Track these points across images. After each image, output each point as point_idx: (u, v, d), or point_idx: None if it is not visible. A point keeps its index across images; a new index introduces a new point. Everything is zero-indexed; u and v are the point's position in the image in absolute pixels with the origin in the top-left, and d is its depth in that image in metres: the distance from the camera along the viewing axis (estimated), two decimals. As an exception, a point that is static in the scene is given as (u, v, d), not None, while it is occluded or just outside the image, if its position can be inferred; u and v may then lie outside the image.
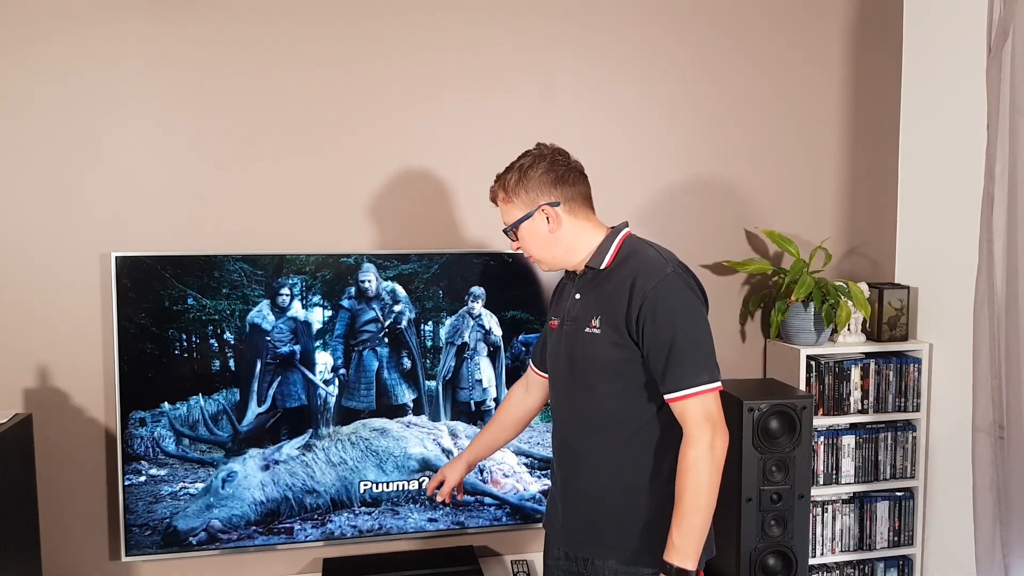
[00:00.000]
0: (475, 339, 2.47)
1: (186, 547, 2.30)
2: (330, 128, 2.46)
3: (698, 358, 1.59)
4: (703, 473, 1.56)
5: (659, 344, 1.59)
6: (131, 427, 2.27)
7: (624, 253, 1.69)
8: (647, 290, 1.59)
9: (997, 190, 2.29)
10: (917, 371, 2.68)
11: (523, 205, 1.70)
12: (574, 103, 2.61)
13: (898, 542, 2.72)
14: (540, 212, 1.69)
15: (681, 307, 1.60)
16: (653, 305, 1.58)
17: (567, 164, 1.72)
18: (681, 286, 1.62)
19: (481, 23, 2.53)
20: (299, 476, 2.36)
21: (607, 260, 1.69)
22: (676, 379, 1.58)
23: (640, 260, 1.66)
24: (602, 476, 1.70)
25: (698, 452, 1.56)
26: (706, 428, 1.57)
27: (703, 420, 1.57)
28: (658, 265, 1.63)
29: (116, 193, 2.34)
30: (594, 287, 1.70)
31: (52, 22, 2.27)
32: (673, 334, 1.58)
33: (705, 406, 1.58)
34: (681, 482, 1.57)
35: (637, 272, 1.63)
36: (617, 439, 1.68)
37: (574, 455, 1.74)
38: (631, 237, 1.74)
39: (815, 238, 2.80)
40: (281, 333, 2.34)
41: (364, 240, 2.50)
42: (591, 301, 1.69)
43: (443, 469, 2.03)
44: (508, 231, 1.75)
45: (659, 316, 1.58)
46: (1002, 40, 2.26)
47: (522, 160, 1.72)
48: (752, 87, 2.75)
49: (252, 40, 2.39)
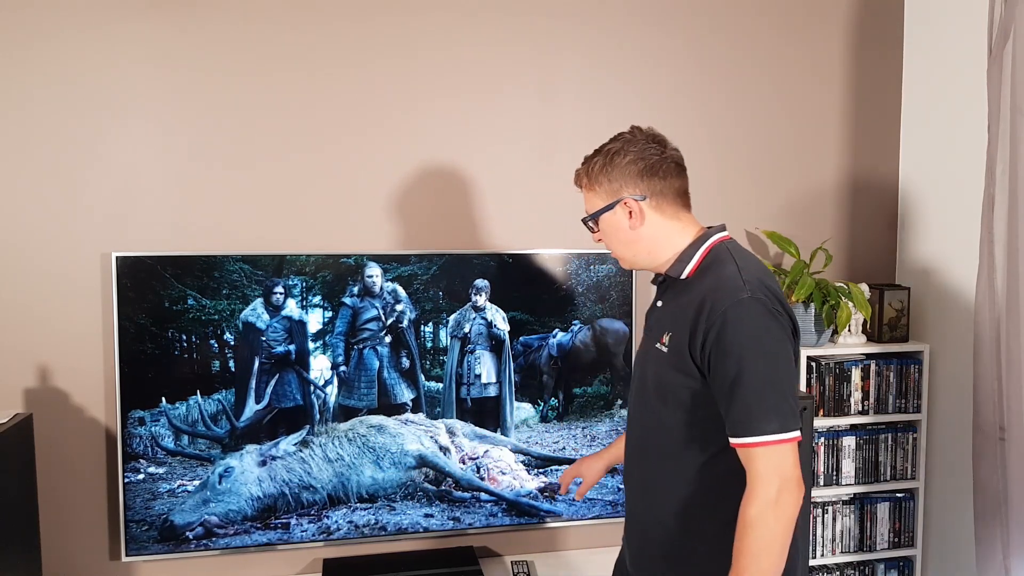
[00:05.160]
0: (476, 332, 2.46)
1: (183, 542, 2.30)
2: (331, 128, 2.46)
3: (767, 401, 1.34)
4: (766, 533, 1.32)
5: (723, 379, 1.37)
6: (130, 426, 2.27)
7: (705, 264, 1.48)
8: (715, 315, 1.37)
9: (998, 191, 2.29)
10: (918, 372, 2.67)
11: (605, 195, 1.52)
12: (574, 103, 2.61)
13: (898, 543, 2.71)
14: (622, 205, 1.50)
15: (752, 339, 1.36)
16: (719, 333, 1.36)
17: (660, 154, 1.52)
18: (758, 313, 1.37)
19: (481, 24, 2.54)
20: (296, 472, 2.36)
21: (688, 270, 1.49)
22: (740, 423, 1.36)
23: (716, 278, 1.43)
24: (658, 508, 1.53)
25: (759, 508, 1.33)
26: (772, 481, 1.34)
27: (770, 474, 1.34)
28: (733, 286, 1.40)
29: (116, 193, 2.35)
30: (673, 297, 1.52)
31: (52, 22, 2.28)
32: (739, 370, 1.35)
33: (773, 460, 1.34)
34: (739, 542, 1.35)
35: (708, 291, 1.41)
36: (670, 471, 1.50)
37: (633, 478, 1.60)
38: (720, 245, 1.50)
39: (815, 239, 2.80)
40: (276, 332, 2.34)
41: (364, 241, 2.50)
42: (668, 313, 1.51)
43: (578, 465, 1.88)
44: (587, 221, 1.56)
45: (725, 346, 1.36)
46: (1003, 42, 2.26)
47: (611, 144, 1.54)
48: (752, 87, 2.74)
49: (253, 40, 2.40)
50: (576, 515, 2.56)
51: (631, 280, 2.56)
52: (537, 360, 2.52)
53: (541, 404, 2.53)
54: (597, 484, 2.14)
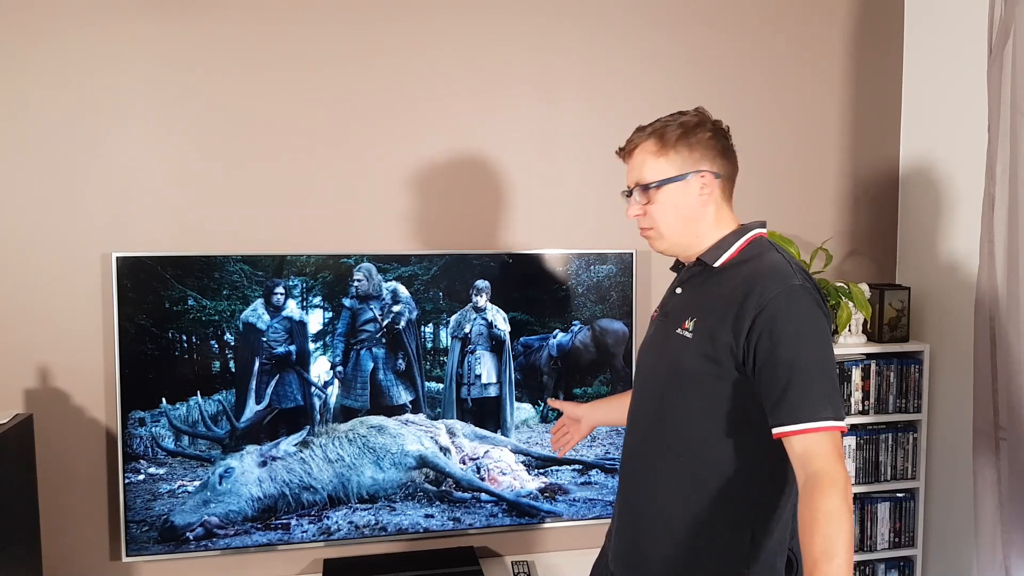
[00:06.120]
0: (476, 332, 2.46)
1: (183, 542, 2.31)
2: (331, 129, 2.47)
3: (825, 388, 1.32)
4: (838, 530, 1.24)
5: (776, 365, 1.33)
6: (130, 427, 2.27)
7: (746, 255, 1.46)
8: (767, 299, 1.35)
9: (998, 191, 2.29)
10: (918, 372, 2.67)
11: (678, 164, 1.46)
12: (575, 104, 2.61)
13: (899, 543, 2.71)
14: (698, 177, 1.46)
15: (808, 324, 1.35)
16: (772, 317, 1.34)
17: (729, 141, 1.51)
18: (810, 302, 1.36)
19: (481, 25, 2.54)
20: (296, 473, 2.37)
21: (724, 258, 1.47)
22: (796, 409, 1.30)
23: (762, 265, 1.42)
24: (654, 502, 1.49)
25: (834, 502, 1.24)
26: (841, 470, 1.27)
27: (835, 463, 1.28)
28: (784, 273, 1.39)
29: (117, 193, 2.35)
30: (699, 284, 1.49)
31: (52, 22, 2.28)
32: (796, 355, 1.32)
33: (829, 446, 1.29)
34: (809, 538, 1.26)
35: (756, 278, 1.39)
36: (679, 465, 1.46)
37: (633, 468, 1.56)
38: (760, 239, 1.50)
39: (816, 239, 2.80)
40: (276, 333, 2.34)
41: (365, 241, 2.50)
42: (692, 299, 1.49)
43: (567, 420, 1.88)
44: (641, 189, 1.49)
45: (779, 332, 1.33)
46: (1003, 41, 2.26)
47: (684, 117, 1.49)
48: (753, 87, 2.74)
49: (253, 41, 2.40)
50: (576, 515, 2.56)
51: (631, 280, 2.56)
52: (537, 360, 2.52)
53: (541, 404, 2.53)
54: (597, 485, 2.14)
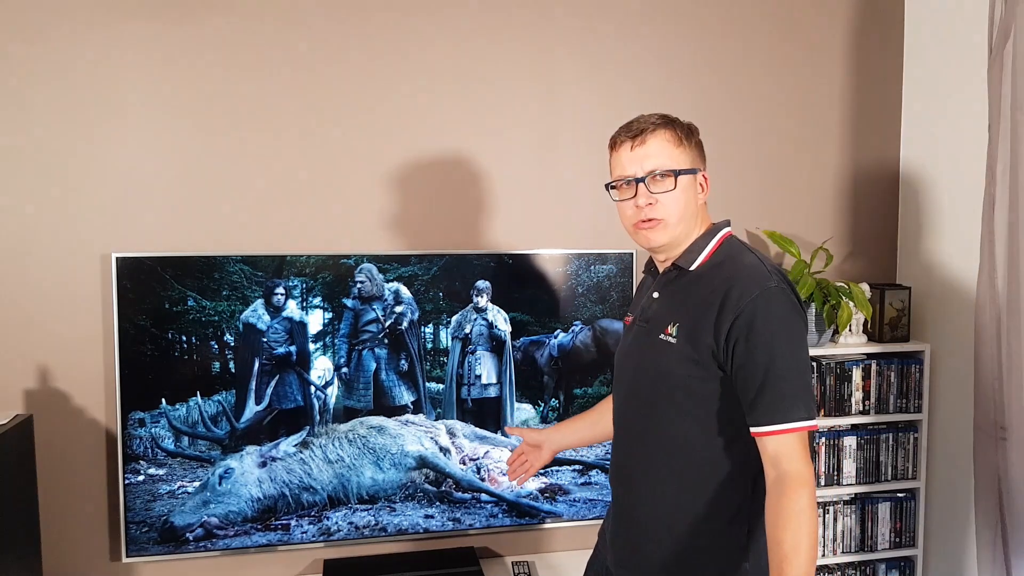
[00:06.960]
0: (477, 333, 2.46)
1: (183, 543, 2.30)
2: (331, 129, 2.46)
3: (797, 389, 1.36)
4: (805, 527, 1.30)
5: (752, 368, 1.37)
6: (130, 427, 2.27)
7: (719, 257, 1.48)
8: (744, 303, 1.38)
9: (998, 190, 2.29)
10: (919, 372, 2.67)
11: (693, 159, 1.52)
12: (575, 104, 2.61)
13: (899, 543, 2.71)
14: (701, 175, 1.53)
15: (783, 327, 1.38)
16: (749, 321, 1.37)
17: None
18: (785, 303, 1.40)
19: (481, 24, 2.53)
20: (296, 473, 2.36)
21: (699, 261, 1.49)
22: (770, 411, 1.35)
23: (738, 267, 1.44)
24: (652, 505, 1.52)
25: (802, 502, 1.30)
26: (807, 467, 1.34)
27: (803, 460, 1.34)
28: (760, 275, 1.41)
29: (116, 194, 2.35)
30: (677, 289, 1.51)
31: (52, 22, 2.28)
32: (771, 357, 1.36)
33: (800, 446, 1.35)
34: (779, 535, 1.30)
35: (733, 281, 1.41)
36: (673, 467, 1.48)
37: (627, 474, 1.58)
38: (731, 239, 1.53)
39: (816, 239, 2.80)
40: (276, 333, 2.34)
41: (365, 241, 2.50)
42: (671, 304, 1.50)
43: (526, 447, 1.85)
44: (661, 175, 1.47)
45: (755, 335, 1.36)
46: (1003, 41, 2.26)
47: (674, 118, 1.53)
48: (753, 87, 2.74)
49: (253, 40, 2.40)
50: (577, 516, 2.56)
51: (631, 280, 2.55)
52: (538, 361, 2.52)
53: (541, 405, 2.53)
54: (597, 485, 2.13)
